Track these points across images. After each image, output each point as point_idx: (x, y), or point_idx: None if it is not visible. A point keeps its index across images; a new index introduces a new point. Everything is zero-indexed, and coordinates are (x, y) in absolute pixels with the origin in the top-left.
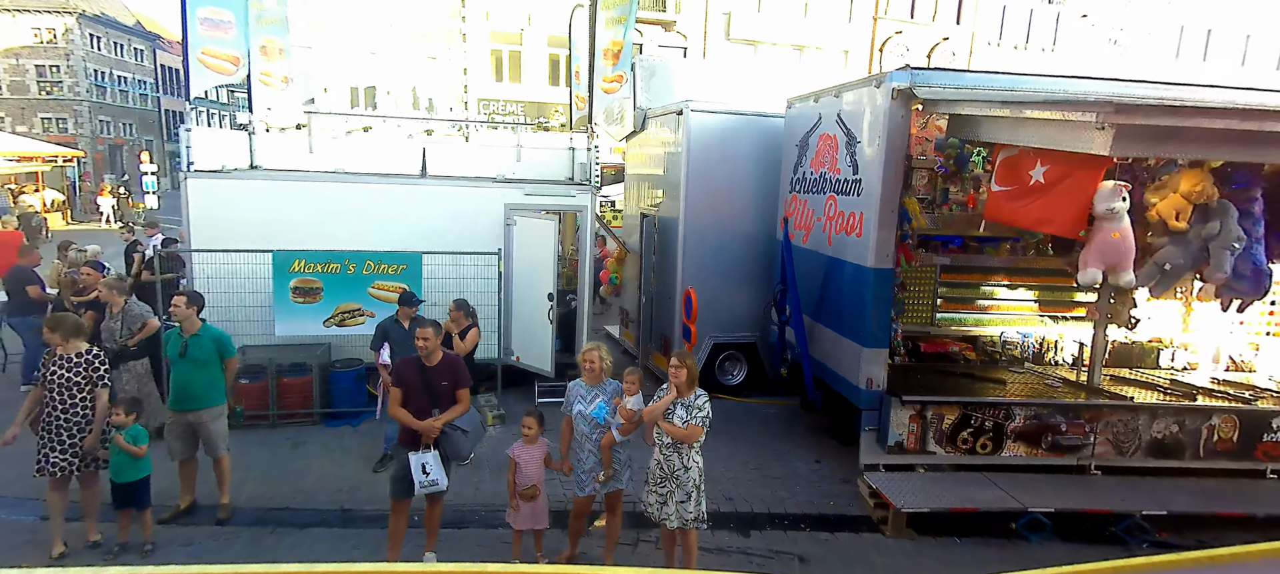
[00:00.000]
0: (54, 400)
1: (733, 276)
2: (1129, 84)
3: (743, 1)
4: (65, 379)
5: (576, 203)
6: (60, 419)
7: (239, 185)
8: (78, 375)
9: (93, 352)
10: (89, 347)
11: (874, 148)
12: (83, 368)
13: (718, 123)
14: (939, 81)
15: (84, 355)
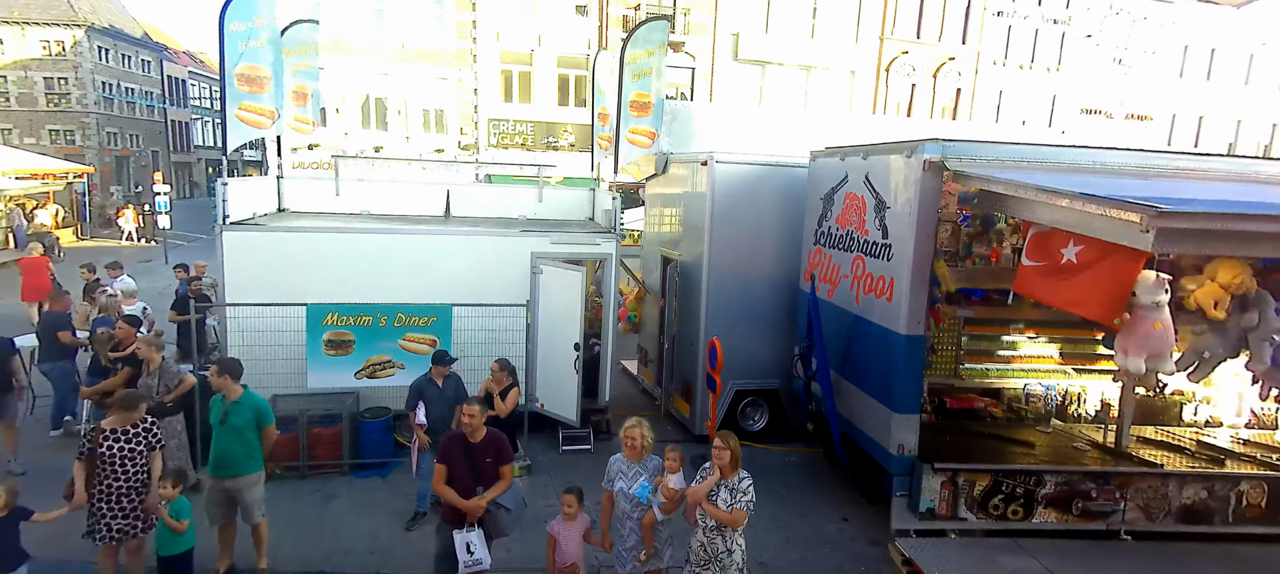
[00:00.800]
0: (115, 471)
1: (756, 323)
2: (1160, 157)
3: (751, 23)
4: (126, 450)
5: (601, 250)
6: (119, 486)
7: (272, 238)
8: (138, 445)
9: (148, 420)
10: (144, 417)
11: (905, 216)
12: (142, 436)
13: (741, 173)
14: (970, 153)
15: (141, 424)
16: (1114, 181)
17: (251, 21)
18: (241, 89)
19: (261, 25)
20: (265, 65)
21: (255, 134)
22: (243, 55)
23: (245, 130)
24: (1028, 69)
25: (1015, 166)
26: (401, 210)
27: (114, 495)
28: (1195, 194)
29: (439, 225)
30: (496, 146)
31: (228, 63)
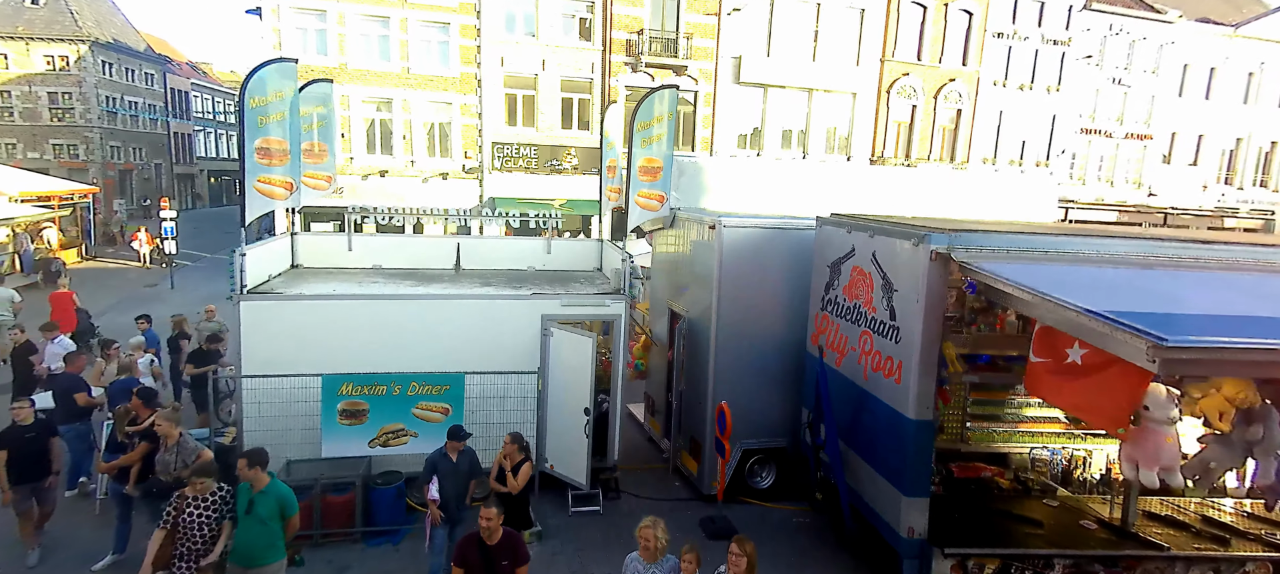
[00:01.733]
0: (194, 535)
1: (763, 382)
2: (1163, 245)
3: (752, 47)
4: (205, 517)
5: (610, 312)
6: (197, 548)
7: (288, 306)
8: (214, 512)
9: (224, 488)
10: (219, 484)
11: (913, 301)
12: (218, 503)
13: (749, 236)
14: (977, 242)
15: (218, 492)
16: (1117, 279)
17: (270, 96)
18: (260, 162)
19: (281, 99)
20: (283, 137)
21: (273, 205)
22: (262, 130)
23: (263, 202)
24: (1028, 89)
25: (1022, 257)
26: (413, 264)
27: (192, 556)
28: (1199, 298)
29: (451, 286)
30: (501, 170)
31: (247, 137)
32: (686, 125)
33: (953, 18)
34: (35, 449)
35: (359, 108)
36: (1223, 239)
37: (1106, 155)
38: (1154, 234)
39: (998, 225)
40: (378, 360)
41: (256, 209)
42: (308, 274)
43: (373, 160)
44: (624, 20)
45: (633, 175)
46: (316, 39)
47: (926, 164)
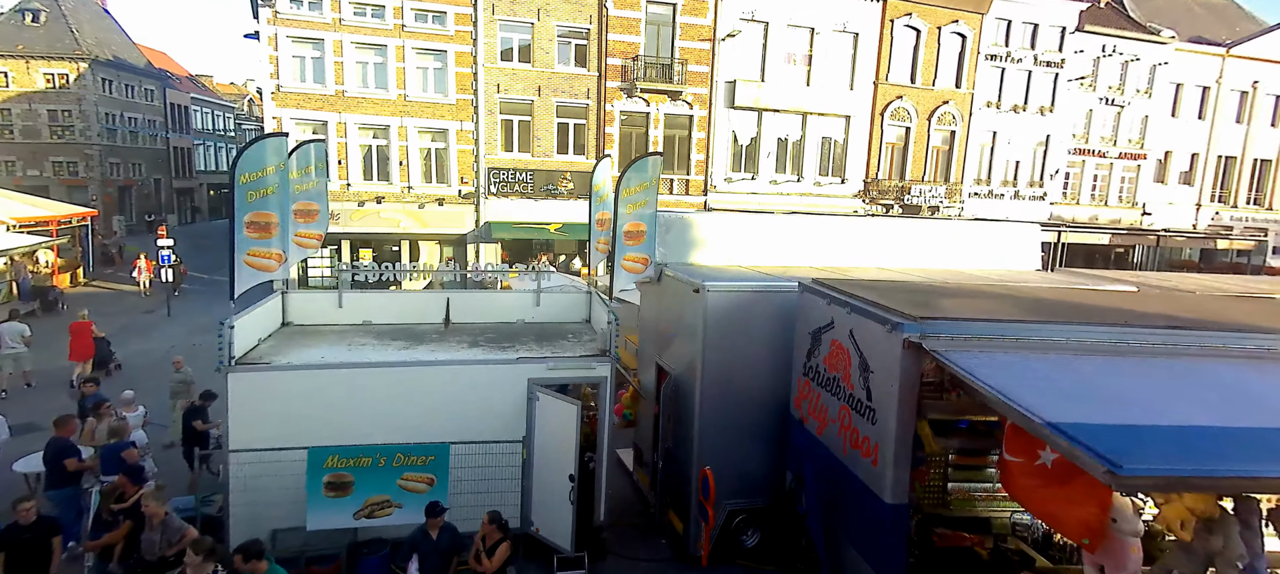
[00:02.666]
0: None
1: (748, 443)
2: (1137, 333)
3: (746, 71)
4: None
5: (596, 374)
6: None
7: (276, 378)
8: None
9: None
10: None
11: (888, 387)
12: None
13: (734, 298)
14: (951, 331)
15: (216, 570)
16: (1087, 376)
17: (262, 171)
18: (250, 236)
19: (272, 173)
20: (275, 210)
21: (263, 277)
22: (252, 205)
23: (253, 274)
24: (1021, 110)
25: (994, 345)
26: (403, 319)
27: None
28: (1169, 402)
29: (438, 348)
30: (497, 195)
31: (238, 213)
32: (681, 149)
33: (946, 41)
34: (34, 550)
35: (355, 135)
36: (1202, 317)
37: (1100, 175)
38: (1133, 312)
39: (973, 308)
40: (364, 429)
41: (246, 282)
42: (298, 334)
43: (369, 187)
44: (619, 46)
45: (618, 239)
46: (314, 67)
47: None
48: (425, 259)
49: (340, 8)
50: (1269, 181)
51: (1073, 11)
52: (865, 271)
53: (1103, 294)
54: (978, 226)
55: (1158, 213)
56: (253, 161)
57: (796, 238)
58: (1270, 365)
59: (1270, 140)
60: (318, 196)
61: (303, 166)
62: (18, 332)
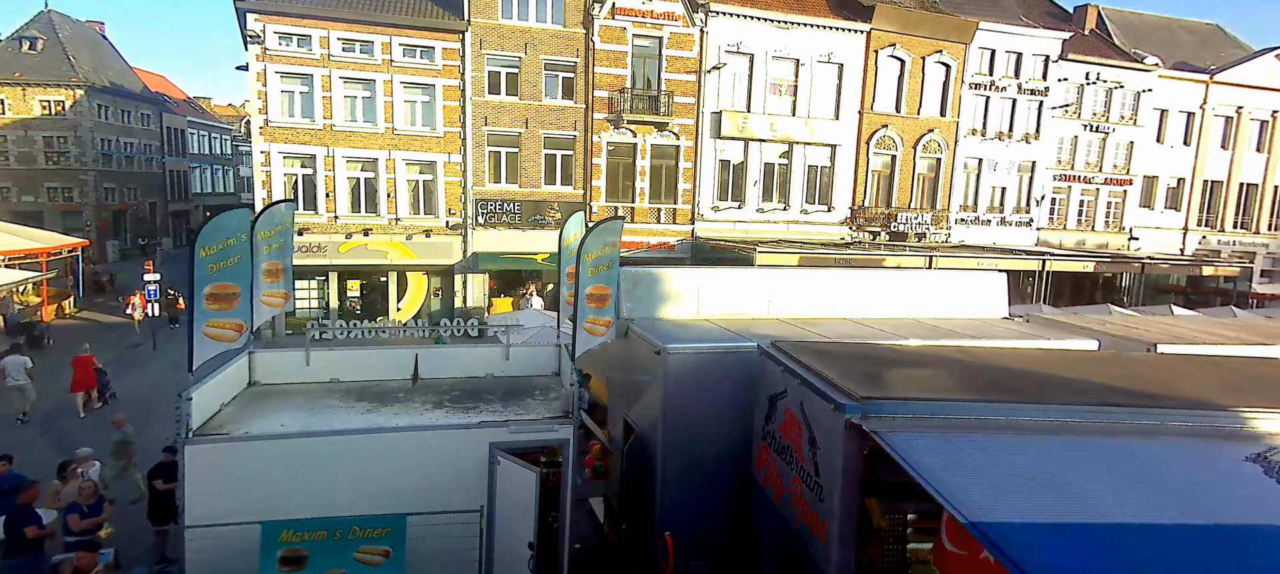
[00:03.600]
0: None
1: (709, 503)
2: (1079, 412)
3: (733, 103)
4: None
5: (558, 436)
6: None
7: (234, 449)
8: None
9: None
10: None
11: (834, 468)
12: None
13: (695, 360)
14: (890, 410)
15: None
16: (1026, 458)
17: (224, 242)
18: (210, 308)
19: (234, 244)
20: (236, 281)
21: (223, 348)
22: (212, 276)
23: (212, 346)
24: (1006, 138)
25: (936, 425)
26: (371, 375)
27: None
28: (1102, 493)
29: (401, 411)
30: (485, 225)
31: (197, 285)
32: (668, 179)
33: (930, 70)
34: None
35: (343, 168)
36: (1146, 387)
37: (1087, 200)
38: (1079, 384)
39: (919, 384)
40: (322, 500)
41: (205, 353)
42: (264, 395)
43: (357, 219)
44: (606, 79)
45: (581, 303)
46: (302, 102)
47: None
48: (409, 296)
49: (329, 44)
50: (1256, 205)
51: (1056, 41)
52: (834, 324)
53: (1059, 355)
54: (947, 276)
55: (1145, 237)
56: (214, 234)
57: (767, 289)
58: (1201, 444)
59: (1257, 165)
60: (283, 254)
61: (275, 226)
62: (20, 364)
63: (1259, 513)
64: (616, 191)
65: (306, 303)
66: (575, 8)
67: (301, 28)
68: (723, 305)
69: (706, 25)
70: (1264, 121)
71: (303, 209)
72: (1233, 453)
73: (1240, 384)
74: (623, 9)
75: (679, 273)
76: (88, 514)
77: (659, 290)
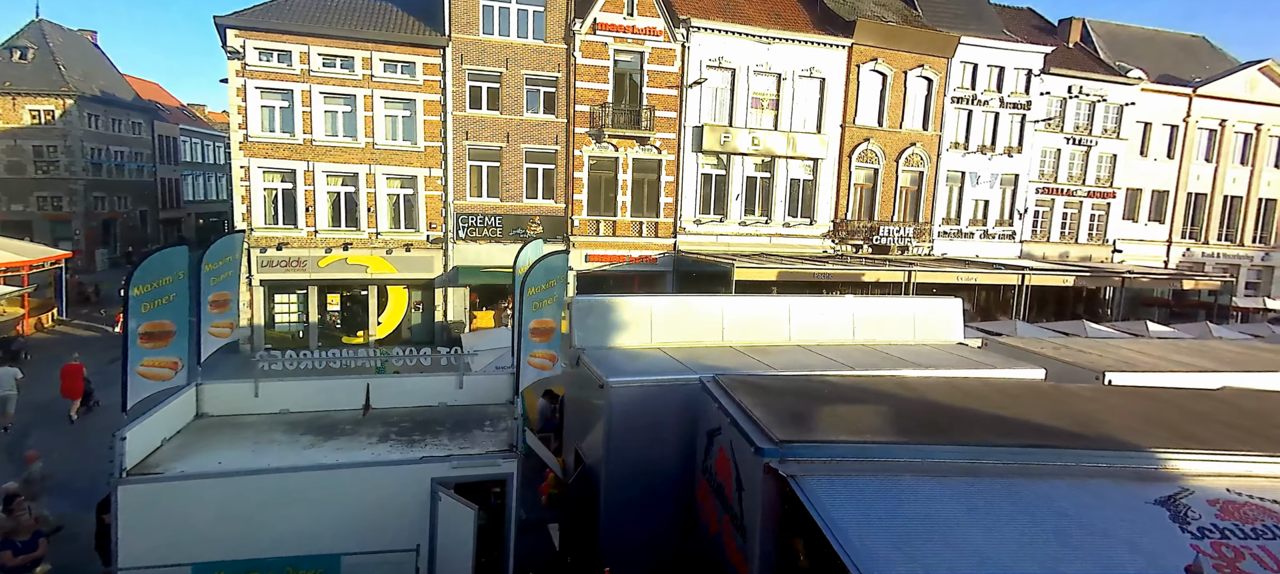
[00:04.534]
0: None
1: (650, 532)
2: (991, 452)
3: (715, 117)
4: None
5: (501, 471)
6: None
7: (168, 489)
8: None
9: None
10: None
11: (754, 508)
12: None
13: (639, 393)
14: (809, 453)
15: None
16: (938, 504)
17: (158, 281)
18: (144, 347)
19: (169, 283)
20: (170, 319)
21: (157, 387)
22: (146, 315)
23: (146, 385)
24: (988, 151)
25: (854, 469)
26: (321, 406)
27: None
28: (1006, 545)
29: (345, 446)
30: (465, 239)
31: (131, 323)
32: (650, 192)
33: (912, 85)
34: None
35: (323, 183)
36: (1072, 427)
37: (1070, 212)
38: (1003, 421)
39: (841, 424)
40: (260, 540)
41: (139, 393)
42: (210, 428)
43: (337, 233)
44: (587, 94)
45: (524, 337)
46: (282, 117)
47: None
48: (389, 309)
49: (309, 59)
50: (1240, 218)
51: (1038, 56)
52: (787, 352)
53: (998, 387)
54: (903, 302)
55: (1130, 250)
56: (147, 274)
57: (722, 316)
58: (1113, 486)
59: (1241, 177)
60: (230, 285)
61: (223, 258)
62: (10, 375)
63: (1153, 562)
64: (598, 205)
65: (286, 317)
66: (556, 23)
67: (281, 44)
68: (677, 333)
69: (688, 40)
70: (1248, 134)
71: (282, 224)
72: (1144, 495)
73: (1171, 420)
74: (604, 24)
75: (632, 301)
76: (21, 551)
77: (611, 319)
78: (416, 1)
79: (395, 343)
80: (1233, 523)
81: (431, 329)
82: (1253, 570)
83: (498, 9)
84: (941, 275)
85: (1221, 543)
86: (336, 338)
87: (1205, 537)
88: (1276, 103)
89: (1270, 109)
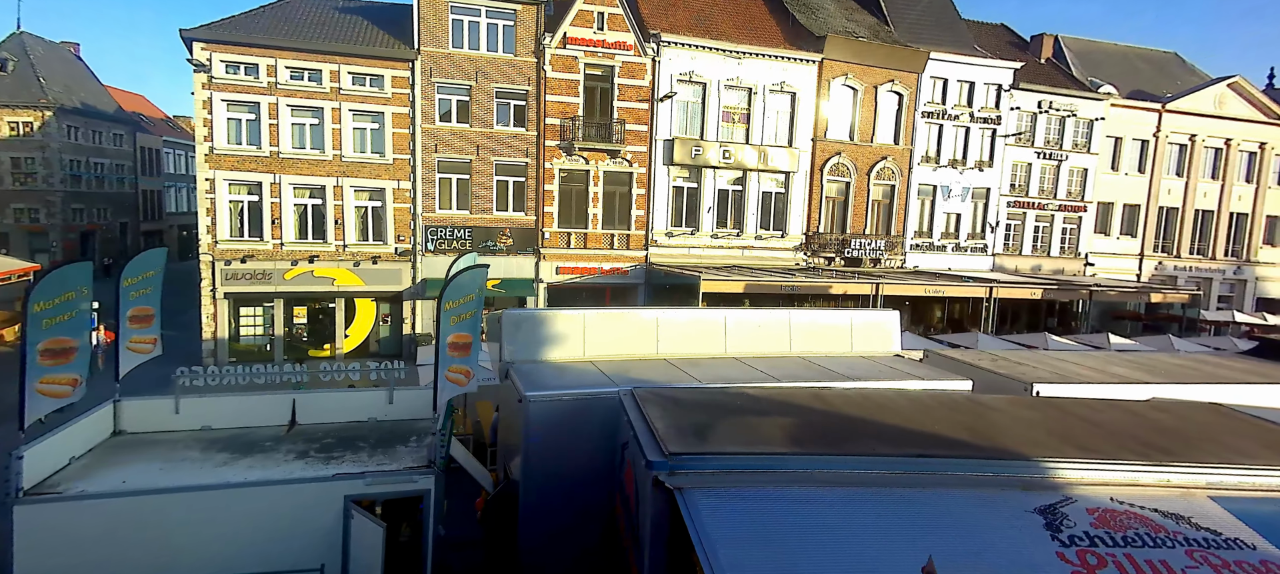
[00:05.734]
0: None
1: (570, 551)
2: (891, 463)
3: (686, 130)
4: None
5: (418, 488)
6: None
7: (66, 509)
8: None
9: None
10: None
11: (644, 524)
12: None
13: (558, 408)
14: (699, 466)
15: None
16: (819, 511)
17: (59, 298)
18: (43, 364)
19: (72, 298)
20: (71, 336)
21: (57, 404)
22: (46, 331)
23: (46, 402)
24: (959, 165)
25: (744, 480)
26: (245, 422)
27: None
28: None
29: (260, 463)
30: (434, 251)
31: (30, 340)
32: (622, 205)
33: (883, 99)
34: None
35: (290, 195)
36: (972, 437)
37: (1042, 226)
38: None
39: (737, 435)
40: (164, 563)
41: (38, 410)
42: (125, 445)
43: (303, 246)
44: (558, 107)
45: (442, 352)
46: (248, 129)
47: (853, 267)
48: (356, 322)
49: (276, 72)
50: (1212, 232)
51: (1008, 71)
52: (720, 364)
53: (913, 399)
54: (842, 314)
55: (1102, 263)
56: (48, 291)
57: (658, 329)
58: (995, 496)
59: (1212, 192)
60: (152, 300)
61: (142, 272)
62: None
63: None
64: (569, 217)
65: (252, 330)
66: (526, 37)
67: (248, 56)
68: (610, 346)
69: (659, 55)
70: (1218, 149)
71: (248, 236)
72: (1026, 503)
73: (1073, 430)
74: (574, 38)
75: (565, 314)
76: None
77: (542, 332)
78: (385, 14)
79: (363, 356)
80: (1105, 531)
81: (400, 342)
82: None
83: (467, 23)
84: (909, 288)
85: (1087, 551)
86: (303, 351)
87: (1073, 545)
88: (1245, 118)
89: (1240, 124)
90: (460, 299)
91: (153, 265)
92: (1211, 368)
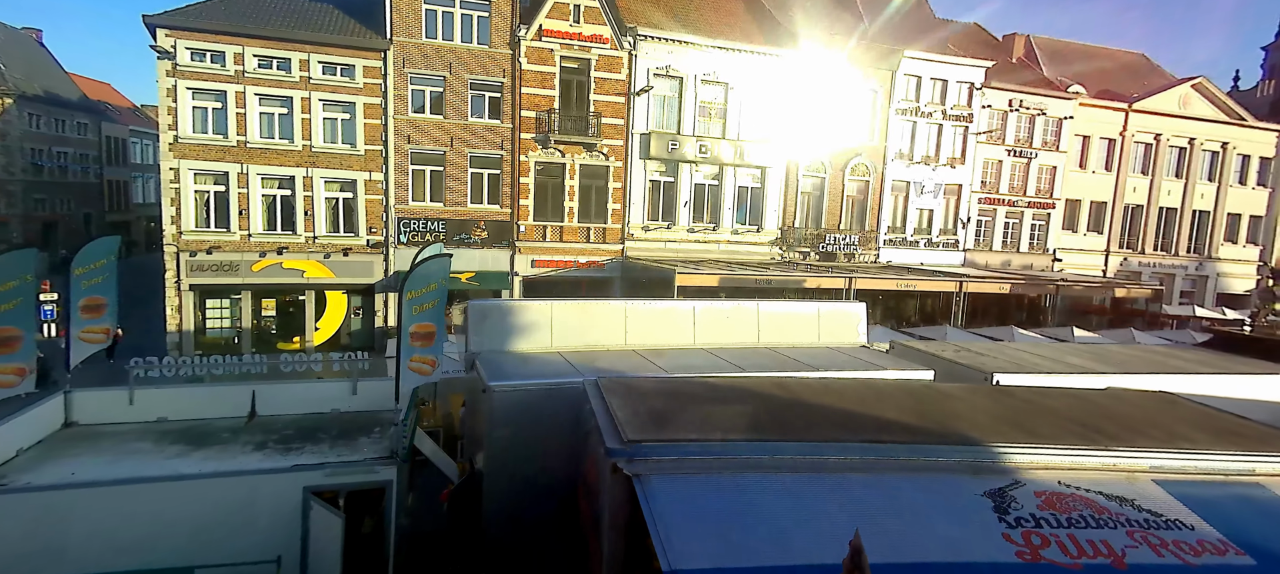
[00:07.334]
0: None
1: (534, 541)
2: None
3: (664, 123)
4: None
5: (381, 478)
6: None
7: (12, 501)
8: None
9: None
10: None
11: (604, 511)
12: None
13: (522, 398)
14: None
15: None
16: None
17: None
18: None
19: (15, 287)
20: (17, 326)
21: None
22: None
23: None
24: (932, 162)
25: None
26: (202, 414)
27: None
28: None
29: (216, 454)
30: (407, 244)
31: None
32: (598, 199)
33: (858, 96)
34: None
35: (258, 186)
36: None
37: (1011, 222)
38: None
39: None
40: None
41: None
42: (77, 437)
43: (272, 237)
44: (534, 99)
45: (404, 342)
46: (215, 118)
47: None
48: (327, 315)
49: (243, 60)
50: (1175, 230)
51: (979, 70)
52: (688, 354)
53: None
54: (809, 305)
55: (1070, 259)
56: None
57: (626, 320)
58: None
59: (1176, 190)
60: (105, 289)
61: (94, 261)
62: None
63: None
64: (545, 211)
65: (218, 322)
66: (501, 29)
67: (214, 44)
68: (578, 337)
69: (635, 48)
70: (1182, 149)
71: (214, 227)
72: (975, 487)
73: (1025, 417)
74: (550, 31)
75: (532, 304)
76: None
77: (509, 323)
78: (357, 3)
79: (334, 349)
80: (1050, 512)
81: (372, 335)
82: (1053, 557)
83: (440, 13)
84: (882, 282)
85: (1032, 531)
86: (272, 344)
87: (1019, 526)
88: (1208, 118)
89: (1203, 124)
90: (423, 288)
91: (104, 254)
92: (1165, 359)
